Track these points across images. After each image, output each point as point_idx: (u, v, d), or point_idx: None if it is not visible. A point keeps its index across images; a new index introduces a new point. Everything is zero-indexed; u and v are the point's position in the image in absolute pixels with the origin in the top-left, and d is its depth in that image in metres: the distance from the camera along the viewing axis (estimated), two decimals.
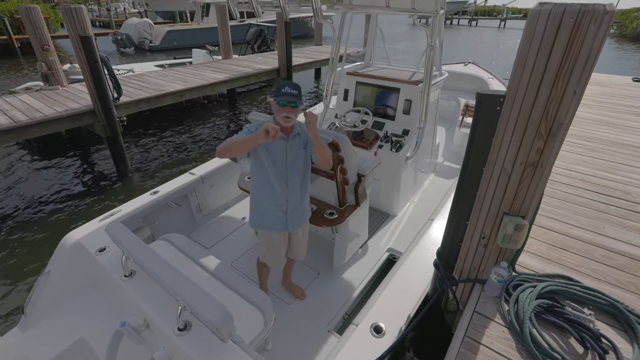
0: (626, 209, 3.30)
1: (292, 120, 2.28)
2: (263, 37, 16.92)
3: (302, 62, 12.16)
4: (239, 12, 3.31)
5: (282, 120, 2.27)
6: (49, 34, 7.70)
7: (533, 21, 1.57)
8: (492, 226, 2.10)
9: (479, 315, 2.14)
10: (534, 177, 1.86)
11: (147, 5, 37.85)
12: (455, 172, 5.06)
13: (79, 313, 2.74)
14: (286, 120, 2.26)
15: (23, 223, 5.65)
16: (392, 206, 4.23)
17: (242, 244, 3.79)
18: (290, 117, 2.25)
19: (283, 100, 2.20)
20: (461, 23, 51.42)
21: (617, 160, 4.27)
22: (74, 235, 2.92)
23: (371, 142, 4.04)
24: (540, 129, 1.71)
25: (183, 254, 2.75)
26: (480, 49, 26.79)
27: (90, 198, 6.39)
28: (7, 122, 5.93)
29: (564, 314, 2.03)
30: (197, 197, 3.97)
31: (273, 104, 2.29)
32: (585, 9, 1.43)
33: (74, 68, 10.48)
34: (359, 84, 4.46)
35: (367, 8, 3.29)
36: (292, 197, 2.52)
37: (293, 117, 2.27)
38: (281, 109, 2.23)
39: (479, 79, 6.69)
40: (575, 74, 1.55)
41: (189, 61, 13.47)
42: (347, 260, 3.48)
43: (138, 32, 24.43)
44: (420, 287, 2.62)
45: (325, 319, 2.96)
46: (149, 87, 8.40)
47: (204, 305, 1.82)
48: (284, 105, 2.22)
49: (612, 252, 2.73)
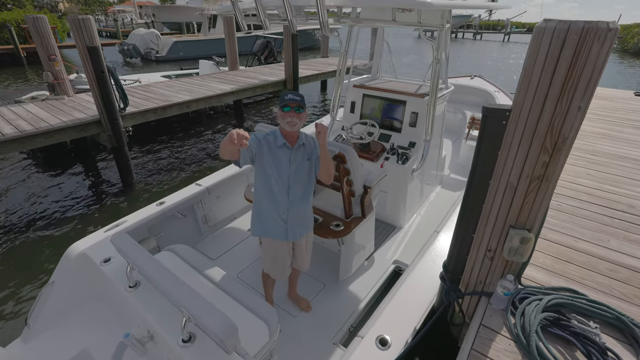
0: (630, 222, 3.30)
1: (296, 125, 2.32)
2: (270, 48, 17.04)
3: (308, 73, 12.24)
4: (247, 24, 3.37)
5: (287, 126, 2.32)
6: (55, 44, 7.79)
7: (538, 38, 1.60)
8: (498, 239, 2.11)
9: (486, 329, 2.14)
10: (540, 191, 1.88)
11: (154, 16, 38.40)
12: (462, 185, 5.06)
13: (82, 324, 2.73)
14: (291, 125, 2.31)
15: (27, 233, 5.67)
16: (399, 218, 4.24)
17: (248, 256, 3.79)
18: (294, 121, 2.30)
19: (287, 106, 2.28)
20: (466, 37, 51.97)
21: (621, 173, 4.27)
22: (79, 246, 2.93)
23: (377, 154, 4.07)
24: (545, 143, 1.73)
25: (188, 265, 2.74)
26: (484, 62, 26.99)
27: (95, 208, 6.41)
28: (12, 132, 5.95)
29: (570, 327, 2.03)
30: (204, 208, 3.99)
31: (278, 112, 2.35)
32: (589, 26, 1.46)
33: (80, 78, 10.56)
34: (366, 96, 4.50)
35: (373, 22, 3.34)
36: (293, 207, 2.54)
37: (298, 122, 2.32)
38: (285, 114, 2.30)
39: (485, 92, 6.73)
40: (580, 89, 1.58)
41: (196, 72, 13.60)
42: (353, 272, 3.48)
43: (145, 42, 24.74)
44: (426, 300, 2.62)
45: (330, 332, 2.95)
46: (156, 98, 8.46)
47: (208, 317, 1.82)
48: (288, 111, 2.29)
49: (617, 265, 2.73)
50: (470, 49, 37.22)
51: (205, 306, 1.89)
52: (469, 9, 5.76)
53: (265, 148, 2.37)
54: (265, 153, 2.37)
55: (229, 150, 2.14)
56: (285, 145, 2.39)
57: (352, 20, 3.23)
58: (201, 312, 1.85)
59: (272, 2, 2.79)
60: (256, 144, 2.33)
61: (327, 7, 2.51)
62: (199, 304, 1.91)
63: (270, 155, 2.38)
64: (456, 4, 3.67)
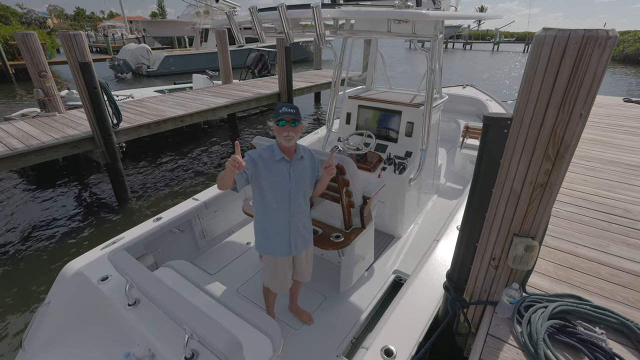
0: (628, 226, 3.34)
1: (293, 138, 2.32)
2: (264, 61, 17.16)
3: (302, 86, 12.30)
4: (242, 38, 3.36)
5: (284, 140, 2.31)
6: (45, 60, 7.74)
7: (538, 47, 1.61)
8: (502, 247, 2.10)
9: (493, 338, 2.12)
10: (543, 198, 1.88)
11: (145, 31, 38.46)
12: (458, 193, 5.08)
13: (80, 345, 2.67)
14: (287, 140, 2.31)
15: (21, 253, 5.57)
16: (397, 228, 4.23)
17: (247, 270, 3.75)
18: (291, 135, 2.30)
19: (282, 120, 2.27)
20: (456, 47, 52.80)
21: (615, 178, 4.33)
22: (75, 265, 2.88)
23: (374, 164, 4.07)
24: (548, 150, 1.74)
25: (188, 281, 2.71)
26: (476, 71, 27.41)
27: (90, 226, 6.33)
28: (3, 150, 5.87)
29: (576, 334, 2.02)
30: (201, 222, 3.95)
31: (274, 126, 2.34)
32: (589, 35, 1.48)
33: (71, 94, 10.51)
34: (361, 107, 4.52)
35: (369, 33, 3.37)
36: (294, 220, 2.52)
37: (294, 136, 2.32)
38: (281, 129, 2.29)
39: (477, 101, 6.80)
40: (581, 96, 1.59)
41: (189, 86, 13.62)
42: (353, 283, 3.45)
43: (135, 57, 24.73)
44: (429, 309, 2.60)
45: (333, 344, 2.91)
46: (149, 113, 8.44)
47: (212, 334, 1.79)
48: (283, 125, 2.28)
49: (618, 269, 2.75)
50: (460, 59, 37.76)
51: (209, 323, 1.86)
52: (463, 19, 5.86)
53: (261, 165, 2.34)
54: (261, 171, 2.35)
55: (227, 182, 2.25)
56: (284, 159, 2.37)
57: (347, 32, 3.26)
58: (205, 329, 1.82)
59: (268, 15, 2.81)
60: (251, 165, 2.32)
61: (323, 19, 2.52)
62: (202, 320, 1.88)
63: (268, 171, 2.36)
64: (450, 15, 3.72)
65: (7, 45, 21.84)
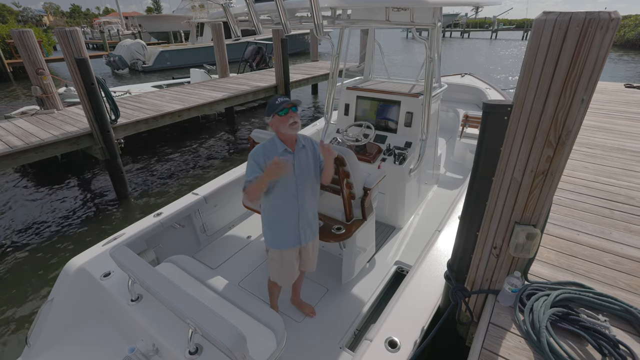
0: (630, 213, 3.31)
1: (298, 124, 2.29)
2: (261, 54, 17.08)
3: (299, 78, 12.27)
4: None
5: (290, 129, 2.27)
6: (42, 58, 7.73)
7: (538, 31, 1.58)
8: (503, 236, 2.09)
9: (495, 327, 2.11)
10: (544, 186, 1.86)
11: (141, 27, 38.26)
12: (458, 183, 5.07)
13: (84, 341, 2.68)
14: (294, 127, 2.27)
15: (23, 251, 5.59)
16: (398, 219, 4.22)
17: (249, 263, 3.75)
18: (296, 121, 2.27)
19: (284, 109, 2.22)
20: (454, 35, 52.45)
21: (616, 165, 4.30)
22: (77, 261, 2.88)
23: (374, 155, 4.05)
24: (549, 137, 1.72)
25: (190, 276, 2.71)
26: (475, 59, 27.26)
27: (91, 222, 6.34)
28: (3, 148, 5.90)
29: (579, 322, 2.01)
30: (201, 217, 3.95)
31: (273, 121, 2.29)
32: (591, 17, 1.45)
33: (69, 91, 10.50)
34: (360, 98, 4.49)
35: (367, 22, 3.33)
36: (303, 211, 2.51)
37: (299, 121, 2.29)
38: (285, 117, 2.24)
39: (476, 90, 6.76)
40: (583, 81, 1.56)
41: (187, 81, 13.56)
42: (355, 275, 3.45)
43: (131, 53, 24.59)
44: (432, 300, 2.59)
45: (336, 336, 2.92)
46: (147, 108, 8.42)
47: (216, 328, 1.78)
48: (286, 113, 2.23)
49: (621, 256, 2.73)
50: (459, 47, 37.55)
51: (213, 317, 1.86)
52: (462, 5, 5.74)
53: (269, 164, 2.32)
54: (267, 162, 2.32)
55: (263, 190, 2.29)
56: (287, 151, 2.35)
57: (345, 21, 3.21)
58: (208, 323, 1.82)
59: (265, 5, 2.77)
60: (261, 169, 2.29)
61: (321, 8, 2.48)
62: (205, 314, 1.87)
63: None
64: (449, 1, 3.67)
65: (4, 43, 21.78)
